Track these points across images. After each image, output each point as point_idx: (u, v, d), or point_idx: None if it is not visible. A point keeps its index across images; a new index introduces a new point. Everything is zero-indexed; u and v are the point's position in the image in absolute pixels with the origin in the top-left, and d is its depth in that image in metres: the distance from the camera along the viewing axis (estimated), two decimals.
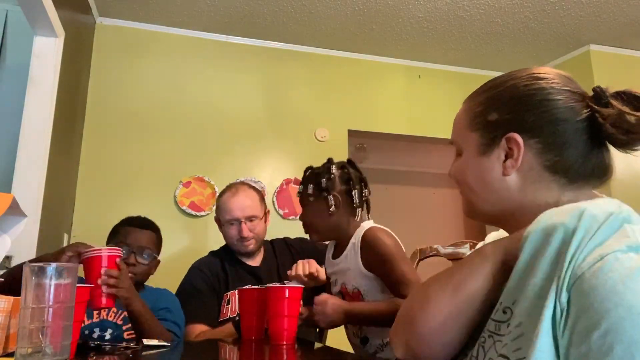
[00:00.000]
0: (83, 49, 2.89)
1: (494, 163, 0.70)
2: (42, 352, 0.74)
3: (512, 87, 0.71)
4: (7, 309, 0.90)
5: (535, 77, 0.70)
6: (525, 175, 0.68)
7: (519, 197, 0.69)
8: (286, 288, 1.22)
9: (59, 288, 0.77)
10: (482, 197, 0.73)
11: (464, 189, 0.76)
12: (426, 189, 5.41)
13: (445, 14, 3.00)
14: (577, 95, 0.68)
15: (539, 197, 0.68)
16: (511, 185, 0.69)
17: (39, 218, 2.16)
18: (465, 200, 0.77)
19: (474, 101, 0.75)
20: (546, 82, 0.69)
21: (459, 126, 0.77)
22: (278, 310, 1.21)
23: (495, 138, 0.70)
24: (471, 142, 0.73)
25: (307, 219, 1.42)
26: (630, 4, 2.88)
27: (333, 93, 3.44)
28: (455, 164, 0.78)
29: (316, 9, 2.95)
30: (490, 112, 0.71)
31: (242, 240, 1.69)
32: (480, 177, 0.72)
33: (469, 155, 0.74)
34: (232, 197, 1.72)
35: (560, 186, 0.67)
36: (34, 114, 2.22)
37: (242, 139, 3.19)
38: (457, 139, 0.77)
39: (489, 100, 0.72)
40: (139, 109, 3.05)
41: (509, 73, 0.74)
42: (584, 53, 3.42)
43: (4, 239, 0.96)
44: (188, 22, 3.13)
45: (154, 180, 2.97)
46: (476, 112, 0.73)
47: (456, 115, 0.79)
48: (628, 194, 3.22)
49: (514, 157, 0.68)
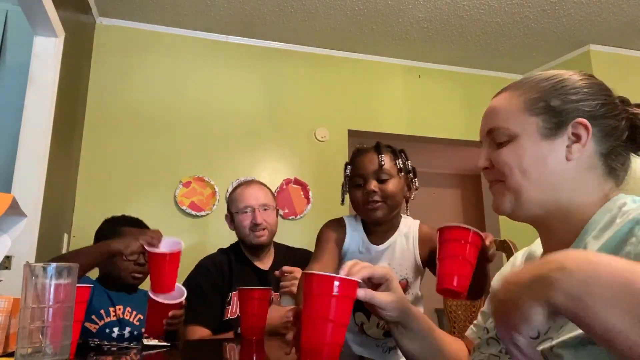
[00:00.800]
0: (83, 49, 2.89)
1: (558, 147, 0.71)
2: (42, 352, 0.74)
3: (569, 79, 0.74)
4: (7, 309, 0.90)
5: (589, 75, 0.76)
6: (582, 161, 0.70)
7: (570, 185, 0.71)
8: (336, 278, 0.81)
9: (59, 288, 0.77)
10: (536, 183, 0.71)
11: (515, 176, 0.72)
12: (426, 189, 5.41)
13: (445, 14, 3.00)
14: (614, 98, 0.74)
15: (589, 185, 0.71)
16: (568, 171, 0.71)
17: (39, 218, 2.16)
18: (513, 190, 0.73)
19: (526, 88, 0.75)
20: (596, 81, 0.75)
21: (509, 111, 0.75)
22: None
23: (560, 123, 0.71)
24: (531, 126, 0.72)
25: (389, 190, 1.28)
26: (630, 4, 2.88)
27: (333, 93, 3.44)
28: (502, 150, 0.74)
29: (316, 9, 2.95)
30: (552, 99, 0.72)
31: (256, 228, 1.68)
32: (540, 160, 0.71)
33: (528, 138, 0.72)
34: (246, 188, 1.76)
35: (605, 175, 0.72)
36: (34, 114, 2.22)
37: (242, 139, 3.19)
38: (506, 124, 0.74)
39: (548, 88, 0.74)
40: (139, 108, 3.05)
41: (558, 71, 0.77)
42: (584, 53, 3.42)
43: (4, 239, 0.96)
44: (188, 22, 3.13)
45: (154, 180, 2.97)
46: (534, 98, 0.74)
47: (495, 104, 0.77)
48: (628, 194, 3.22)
49: (581, 142, 0.70)
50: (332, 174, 3.27)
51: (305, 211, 3.16)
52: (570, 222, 0.71)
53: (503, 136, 0.74)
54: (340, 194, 1.40)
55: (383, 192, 1.28)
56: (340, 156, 3.35)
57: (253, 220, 1.69)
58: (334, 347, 0.77)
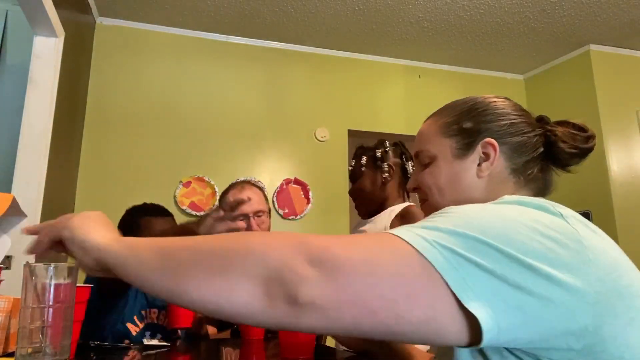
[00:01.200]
0: (83, 49, 2.89)
1: (469, 165, 0.76)
2: (42, 352, 0.74)
3: (483, 102, 0.81)
4: (7, 309, 0.90)
5: (499, 97, 0.82)
6: (492, 177, 0.75)
7: (481, 198, 0.75)
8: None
9: (59, 288, 0.77)
10: (451, 199, 0.77)
11: (433, 194, 0.79)
12: None
13: (445, 14, 3.00)
14: (530, 117, 0.80)
15: (499, 194, 0.74)
16: (480, 187, 0.76)
17: (39, 218, 2.16)
18: (434, 207, 0.79)
19: (444, 114, 0.83)
20: (509, 103, 0.81)
21: (428, 135, 0.82)
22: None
23: (471, 143, 0.77)
24: (445, 147, 0.79)
25: (359, 188, 1.47)
26: (630, 4, 2.88)
27: (333, 93, 3.44)
28: (423, 172, 0.81)
29: (316, 9, 2.95)
30: (465, 121, 0.79)
31: None
32: (454, 179, 0.77)
33: (443, 159, 0.79)
34: (239, 194, 1.72)
35: (515, 186, 0.76)
36: (34, 114, 2.22)
37: (242, 139, 3.19)
38: (427, 146, 0.81)
39: (463, 111, 0.81)
40: (139, 108, 3.05)
41: (473, 96, 0.84)
42: (584, 53, 3.42)
43: (4, 239, 0.96)
44: (188, 22, 3.13)
45: (154, 180, 2.97)
46: (449, 122, 0.81)
47: (420, 130, 0.85)
48: (628, 194, 3.23)
49: (489, 160, 0.75)
50: (332, 174, 3.28)
51: (305, 211, 3.16)
52: None
53: (425, 158, 0.81)
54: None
55: (354, 192, 1.48)
56: (340, 156, 3.35)
57: (248, 229, 1.67)
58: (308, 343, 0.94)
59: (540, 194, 0.76)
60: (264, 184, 3.13)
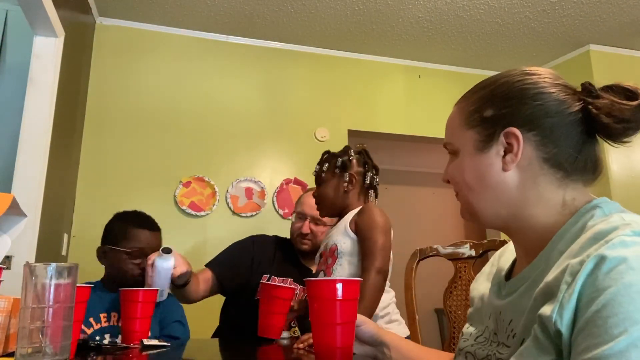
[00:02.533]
0: (83, 49, 2.89)
1: (493, 159, 0.70)
2: (42, 352, 0.74)
3: (505, 83, 0.72)
4: (7, 309, 0.90)
5: (527, 73, 0.72)
6: (524, 170, 0.68)
7: (517, 194, 0.69)
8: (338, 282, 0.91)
9: (59, 288, 0.77)
10: (481, 196, 0.71)
11: (461, 190, 0.74)
12: (426, 189, 5.41)
13: (445, 14, 3.00)
14: (568, 89, 0.69)
15: (541, 193, 0.68)
16: (510, 181, 0.69)
17: (39, 218, 2.16)
18: (464, 202, 0.75)
19: (467, 101, 0.75)
20: (538, 77, 0.70)
21: (453, 126, 0.76)
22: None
23: (493, 134, 0.70)
24: (467, 140, 0.73)
25: (323, 193, 1.51)
26: (630, 4, 2.88)
27: (333, 93, 3.44)
28: (451, 165, 0.76)
29: (316, 9, 2.95)
30: (486, 109, 0.71)
31: (301, 236, 1.76)
32: (478, 174, 0.71)
33: (466, 153, 0.73)
34: (308, 194, 1.80)
35: (558, 181, 0.68)
36: (34, 114, 2.22)
37: (242, 139, 3.19)
38: (452, 139, 0.76)
39: (483, 97, 0.73)
40: (139, 108, 3.05)
41: (500, 73, 0.75)
42: (584, 53, 3.42)
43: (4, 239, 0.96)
44: (188, 22, 3.13)
45: (154, 180, 2.97)
46: (471, 110, 0.73)
47: (448, 118, 0.79)
48: (628, 194, 3.22)
49: (513, 151, 0.68)
50: None
51: None
52: (531, 230, 0.69)
53: (451, 151, 0.76)
54: None
55: (318, 196, 1.54)
56: None
57: (300, 228, 1.76)
58: (345, 350, 0.79)
59: (591, 180, 0.69)
60: (264, 184, 3.13)
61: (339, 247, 1.41)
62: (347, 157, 1.51)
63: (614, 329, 0.49)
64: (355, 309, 0.82)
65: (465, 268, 1.47)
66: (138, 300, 1.23)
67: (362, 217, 1.39)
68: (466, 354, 0.76)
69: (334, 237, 1.45)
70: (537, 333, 0.56)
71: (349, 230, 1.40)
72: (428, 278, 2.66)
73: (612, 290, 0.51)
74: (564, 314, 0.54)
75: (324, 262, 1.46)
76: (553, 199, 0.68)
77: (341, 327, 0.79)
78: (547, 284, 0.59)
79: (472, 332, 0.80)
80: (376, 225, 1.35)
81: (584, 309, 0.53)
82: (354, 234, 1.40)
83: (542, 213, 0.68)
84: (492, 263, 0.86)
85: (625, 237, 0.54)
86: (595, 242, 0.57)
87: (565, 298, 0.54)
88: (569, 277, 0.55)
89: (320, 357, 0.80)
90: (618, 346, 0.49)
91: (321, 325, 0.80)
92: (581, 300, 0.53)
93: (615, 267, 0.52)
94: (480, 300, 0.82)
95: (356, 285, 0.83)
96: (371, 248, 1.33)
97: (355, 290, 0.83)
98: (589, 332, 0.51)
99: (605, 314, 0.50)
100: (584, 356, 0.50)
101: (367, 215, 1.38)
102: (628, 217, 0.61)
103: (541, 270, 0.65)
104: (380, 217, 1.38)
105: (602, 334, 0.50)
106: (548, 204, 0.68)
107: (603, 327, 0.50)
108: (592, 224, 0.61)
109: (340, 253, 1.40)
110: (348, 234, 1.40)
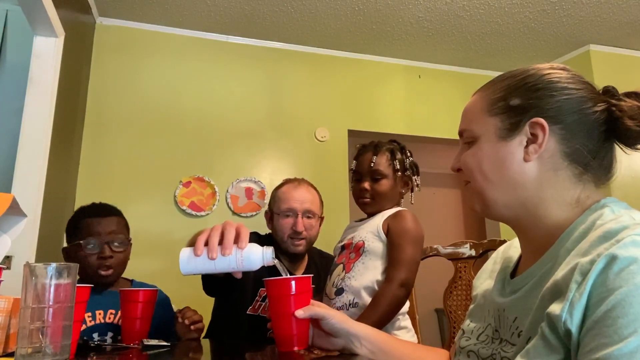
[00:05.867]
0: (83, 49, 2.89)
1: (515, 148, 0.69)
2: (42, 352, 0.74)
3: (534, 75, 0.71)
4: (7, 309, 0.90)
5: (556, 68, 0.72)
6: (544, 162, 0.68)
7: (534, 186, 0.68)
8: (292, 280, 0.94)
9: (59, 288, 0.77)
10: (497, 185, 0.70)
11: (476, 178, 0.72)
12: (426, 189, 5.40)
13: (445, 14, 3.00)
14: (593, 89, 0.70)
15: (557, 188, 0.68)
16: (529, 172, 0.68)
17: (39, 218, 2.16)
18: (477, 191, 0.73)
19: (492, 88, 0.74)
20: (566, 72, 0.71)
21: (473, 112, 0.75)
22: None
23: (518, 123, 0.69)
24: (489, 127, 0.71)
25: (381, 189, 1.41)
26: (630, 4, 2.88)
27: (333, 93, 3.44)
28: (466, 152, 0.74)
29: (316, 9, 2.95)
30: (512, 98, 0.70)
31: (295, 235, 1.55)
32: (498, 162, 0.70)
33: (487, 140, 0.71)
34: (294, 189, 1.63)
35: (576, 177, 0.68)
36: (34, 114, 2.22)
37: (242, 139, 3.19)
38: (471, 126, 0.74)
39: (511, 86, 0.72)
40: (139, 108, 3.05)
41: (527, 66, 0.75)
42: (584, 53, 3.42)
43: (4, 239, 0.96)
44: (188, 22, 3.13)
45: (154, 180, 2.97)
46: (496, 98, 0.72)
47: (466, 105, 0.77)
48: (628, 194, 3.22)
49: (537, 142, 0.67)
50: (332, 174, 3.27)
51: None
52: (542, 226, 0.69)
53: (469, 138, 0.74)
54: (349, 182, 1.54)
55: (374, 191, 1.41)
56: (340, 156, 3.35)
57: (294, 227, 1.55)
58: (301, 335, 0.92)
59: (603, 181, 0.69)
60: (264, 184, 3.13)
61: (366, 245, 1.37)
62: (409, 158, 1.46)
63: (624, 329, 0.49)
64: (307, 300, 0.94)
65: (465, 268, 1.47)
66: (138, 301, 1.23)
67: (395, 222, 1.35)
68: (468, 353, 0.76)
69: (363, 234, 1.40)
70: (545, 332, 0.56)
71: (381, 232, 1.36)
72: (428, 278, 2.66)
73: (623, 291, 0.51)
74: (574, 313, 0.54)
75: (346, 255, 1.41)
76: (568, 195, 0.68)
77: (295, 317, 0.91)
78: (555, 282, 0.59)
79: (472, 328, 0.79)
80: (408, 234, 1.32)
81: (594, 309, 0.53)
82: (385, 236, 1.36)
83: (554, 208, 0.68)
84: (495, 260, 0.86)
85: (636, 237, 0.54)
86: (605, 240, 0.57)
87: (575, 297, 0.54)
88: (579, 276, 0.55)
89: (281, 343, 0.93)
90: (628, 347, 0.48)
91: (280, 315, 0.93)
92: (591, 299, 0.53)
93: (627, 267, 0.52)
94: (482, 297, 0.82)
95: (307, 280, 0.95)
96: (398, 257, 1.29)
97: (306, 284, 0.95)
98: (598, 332, 0.51)
99: (616, 314, 0.50)
100: (592, 356, 0.50)
101: (402, 221, 1.35)
102: (638, 216, 0.61)
103: (549, 268, 0.65)
104: (414, 226, 1.35)
105: (612, 334, 0.50)
106: (562, 199, 0.68)
107: (613, 327, 0.50)
108: (602, 223, 0.61)
109: (365, 252, 1.36)
110: (379, 236, 1.36)
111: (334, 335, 0.91)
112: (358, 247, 1.38)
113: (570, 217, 0.67)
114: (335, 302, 1.37)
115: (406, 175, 1.46)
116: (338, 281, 1.39)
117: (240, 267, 0.95)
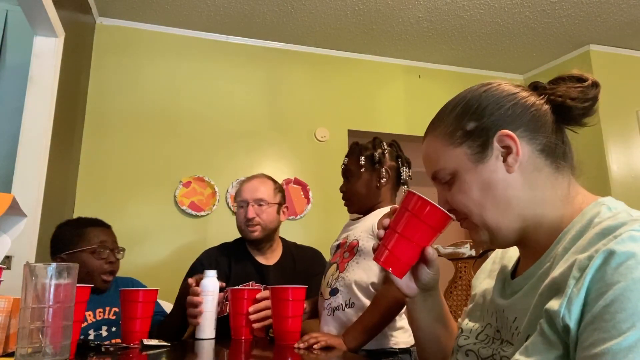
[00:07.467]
0: (83, 49, 2.89)
1: (494, 165, 0.70)
2: (42, 352, 0.74)
3: (473, 97, 0.74)
4: (7, 309, 0.90)
5: (487, 83, 0.75)
6: (525, 167, 0.69)
7: (526, 194, 0.69)
8: (289, 289, 1.27)
9: (59, 288, 0.77)
10: (494, 208, 0.70)
11: (472, 210, 0.71)
12: (426, 189, 5.38)
13: (445, 14, 3.00)
14: (527, 88, 0.74)
15: (545, 185, 0.69)
16: (516, 182, 0.69)
17: (39, 218, 2.16)
18: (479, 223, 0.72)
19: (441, 126, 0.75)
20: (497, 84, 0.75)
21: (437, 152, 0.75)
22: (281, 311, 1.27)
23: (485, 142, 0.70)
24: (461, 157, 0.72)
25: (354, 189, 1.44)
26: (630, 4, 2.88)
27: (333, 93, 3.44)
28: (451, 192, 0.73)
29: (316, 9, 2.95)
30: (466, 124, 0.72)
31: (247, 222, 1.67)
32: (485, 185, 0.70)
33: (465, 170, 0.71)
34: (246, 182, 1.77)
35: (556, 171, 0.70)
36: (34, 114, 2.22)
37: (242, 139, 3.19)
38: (441, 164, 0.74)
39: (459, 115, 0.74)
40: (139, 108, 3.05)
41: (459, 94, 0.77)
42: (584, 53, 3.42)
43: (4, 239, 0.96)
44: (188, 22, 3.13)
45: (154, 180, 2.97)
46: (451, 131, 0.74)
47: (425, 151, 0.78)
48: (628, 194, 3.22)
49: (513, 152, 0.68)
50: (332, 174, 3.27)
51: (305, 211, 3.16)
52: (542, 230, 0.69)
53: (446, 176, 0.74)
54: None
55: (348, 191, 1.46)
56: (340, 156, 3.32)
57: (245, 214, 1.68)
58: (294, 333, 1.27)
59: (574, 166, 0.71)
60: None
61: (360, 244, 1.37)
62: (380, 150, 1.44)
63: (622, 324, 0.50)
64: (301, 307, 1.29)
65: (465, 268, 1.47)
66: (138, 301, 1.24)
67: None
68: (467, 352, 0.76)
69: (357, 233, 1.39)
70: (543, 328, 0.57)
71: (376, 230, 1.37)
72: None
73: (621, 286, 0.51)
74: (573, 309, 0.54)
75: (340, 255, 1.41)
76: (557, 192, 0.69)
77: (291, 319, 1.26)
78: (553, 279, 0.59)
79: (472, 328, 0.80)
80: None
81: (592, 304, 0.53)
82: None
83: (548, 208, 0.69)
84: (494, 260, 0.86)
85: (634, 232, 0.55)
86: (603, 237, 0.57)
87: (574, 293, 0.55)
88: (577, 272, 0.56)
89: (278, 337, 1.27)
90: (626, 341, 0.49)
91: (279, 317, 1.27)
92: (589, 295, 0.54)
93: (624, 262, 0.52)
94: (481, 297, 0.82)
95: (302, 290, 1.28)
96: None
97: (300, 293, 1.28)
98: (597, 327, 0.52)
99: (614, 309, 0.51)
100: (591, 350, 0.51)
101: None
102: (635, 213, 0.61)
103: (547, 267, 0.65)
104: None
105: (611, 329, 0.50)
106: (553, 197, 0.69)
107: (611, 322, 0.50)
108: (599, 220, 0.62)
109: (359, 251, 1.36)
110: (374, 235, 1.35)
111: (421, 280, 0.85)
112: (352, 247, 1.39)
113: (565, 214, 0.68)
114: (330, 302, 1.37)
115: (375, 168, 1.44)
116: (332, 281, 1.40)
117: (214, 305, 1.39)
